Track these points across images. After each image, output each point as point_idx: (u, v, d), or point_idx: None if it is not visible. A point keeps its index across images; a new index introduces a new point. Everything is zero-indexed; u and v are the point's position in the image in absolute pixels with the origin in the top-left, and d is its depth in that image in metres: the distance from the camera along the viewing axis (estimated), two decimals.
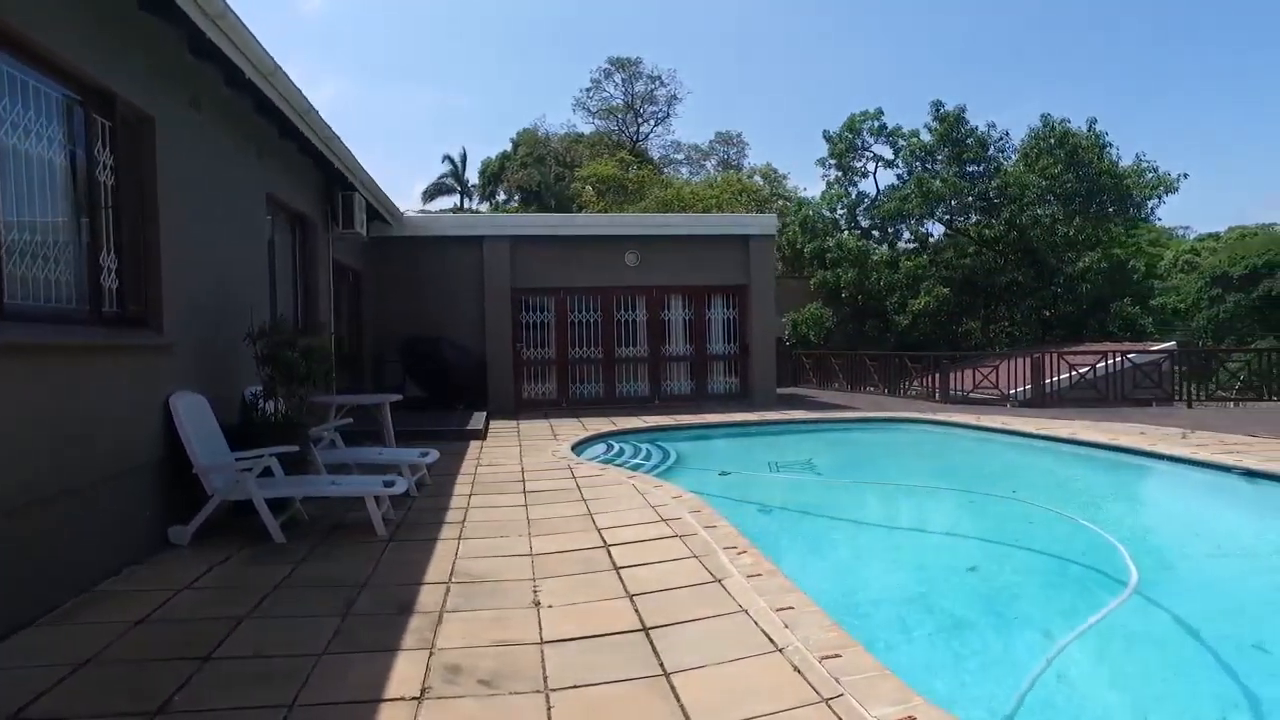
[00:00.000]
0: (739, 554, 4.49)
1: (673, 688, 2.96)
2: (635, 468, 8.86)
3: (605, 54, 63.05)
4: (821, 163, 22.86)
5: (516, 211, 41.30)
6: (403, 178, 77.85)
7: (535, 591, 4.14)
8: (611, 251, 14.20)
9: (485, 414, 12.39)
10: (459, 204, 51.21)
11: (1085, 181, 20.47)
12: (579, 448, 9.64)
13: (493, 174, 50.52)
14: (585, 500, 6.40)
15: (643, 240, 14.36)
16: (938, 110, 21.65)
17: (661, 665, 3.16)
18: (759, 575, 4.08)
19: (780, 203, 32.72)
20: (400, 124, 68.96)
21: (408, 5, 64.68)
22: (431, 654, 3.35)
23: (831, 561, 5.90)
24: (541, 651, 3.36)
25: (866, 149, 22.68)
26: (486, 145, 74.08)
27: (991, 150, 21.77)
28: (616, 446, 10.41)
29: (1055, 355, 14.31)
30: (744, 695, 2.87)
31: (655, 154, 51.19)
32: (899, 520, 7.13)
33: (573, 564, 4.64)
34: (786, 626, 3.36)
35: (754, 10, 63.99)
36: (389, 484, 5.72)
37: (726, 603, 3.81)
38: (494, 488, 7.09)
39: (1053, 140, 21.19)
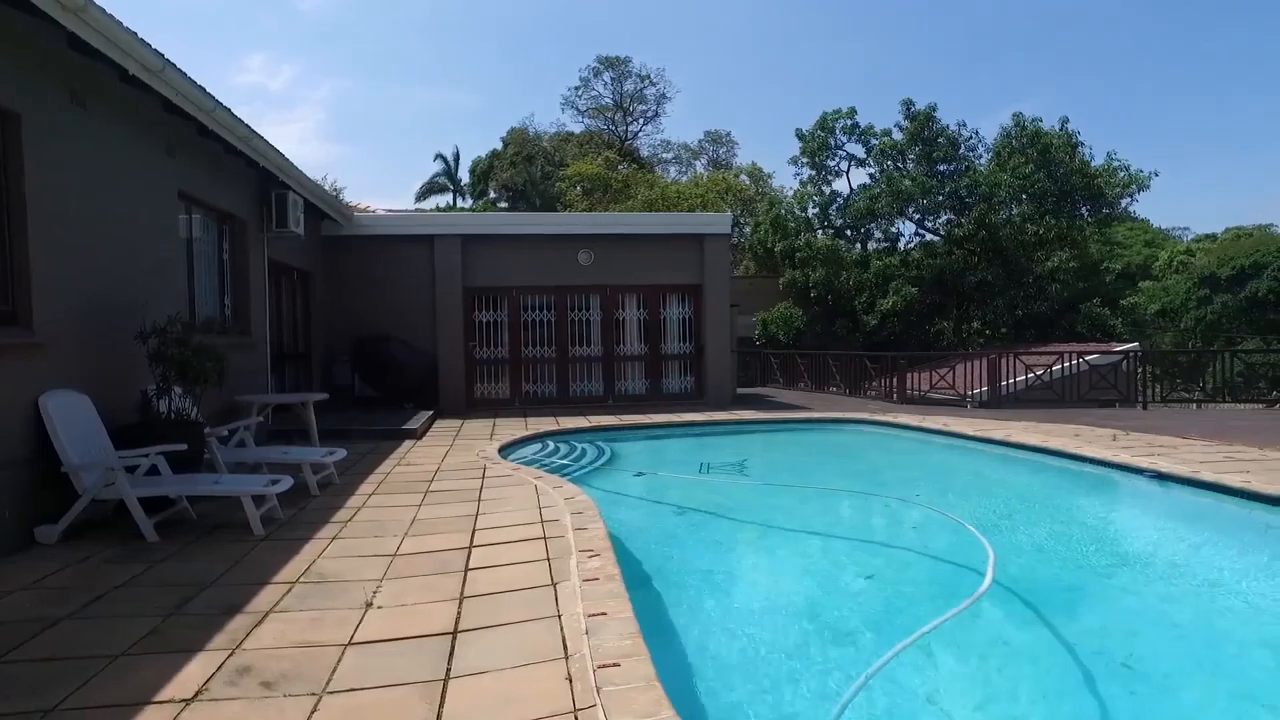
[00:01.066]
0: (590, 557, 4.45)
1: (443, 694, 2.93)
2: (561, 469, 8.84)
3: (597, 52, 63.27)
4: (795, 161, 22.83)
5: (505, 210, 41.36)
6: (402, 176, 77.94)
7: (374, 593, 4.11)
8: (565, 250, 14.17)
9: (431, 413, 12.39)
10: (452, 202, 51.23)
11: (1056, 181, 20.42)
12: (511, 448, 9.61)
13: (482, 173, 50.57)
14: (481, 501, 6.36)
15: (596, 239, 14.32)
16: (909, 109, 21.58)
17: (448, 670, 3.13)
18: (595, 580, 4.04)
19: (764, 202, 32.71)
20: (403, 122, 69.15)
21: (405, 4, 64.78)
22: (231, 655, 3.32)
23: (713, 563, 5.87)
24: (341, 654, 3.33)
25: (840, 148, 22.64)
26: (485, 144, 73.94)
27: (963, 149, 21.73)
28: (552, 445, 10.39)
29: (1012, 356, 14.28)
30: (504, 703, 2.84)
31: (646, 153, 51.20)
32: (800, 523, 7.08)
33: (428, 565, 4.61)
34: (586, 633, 3.32)
35: (743, 7, 63.99)
36: (274, 482, 5.71)
37: (547, 608, 3.78)
38: (400, 487, 7.06)
39: (1025, 139, 21.13)
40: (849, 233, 21.38)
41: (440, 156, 52.09)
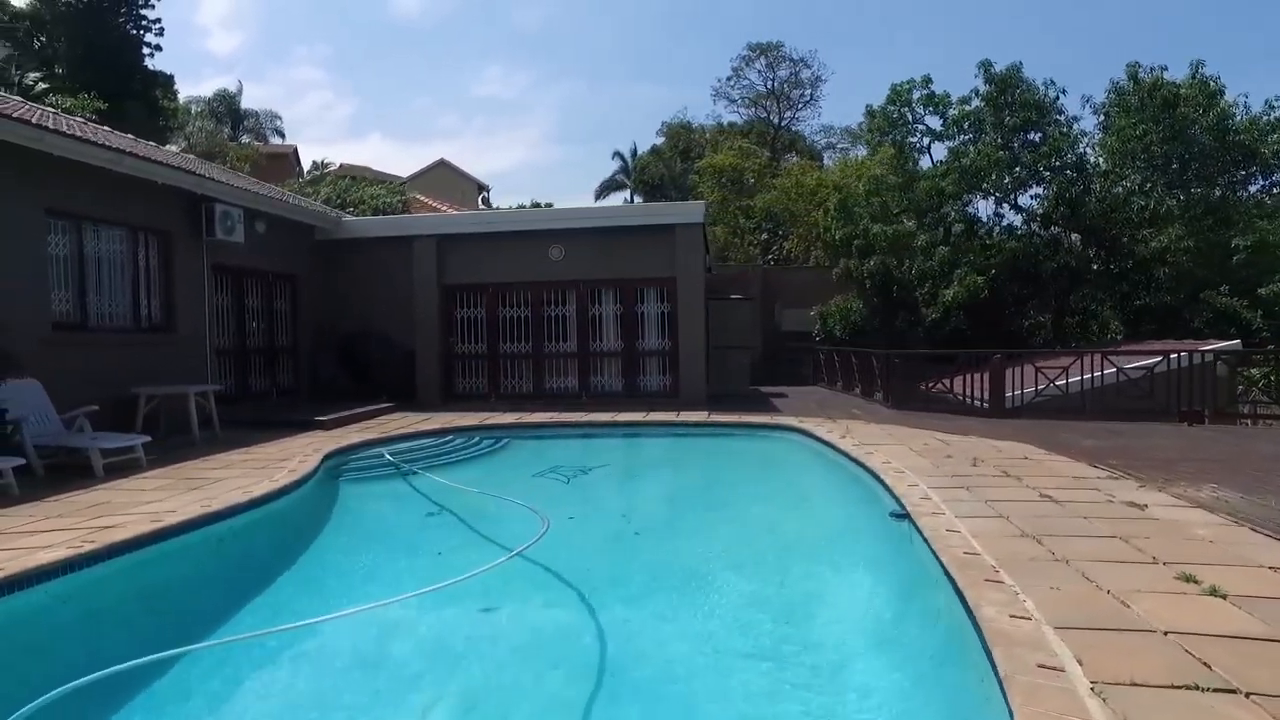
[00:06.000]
0: None
1: None
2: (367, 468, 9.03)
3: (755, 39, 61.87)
4: (866, 141, 20.53)
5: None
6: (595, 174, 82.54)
7: None
8: (538, 246, 14.23)
9: (391, 405, 13.09)
10: (629, 199, 52.93)
11: (1182, 143, 16.60)
12: (374, 445, 9.92)
13: (641, 168, 51.71)
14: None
15: (569, 234, 14.21)
16: (987, 71, 18.63)
17: None
18: None
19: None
20: (613, 121, 73.37)
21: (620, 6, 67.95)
22: None
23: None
24: None
25: (918, 122, 20.12)
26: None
27: (1063, 115, 18.32)
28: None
29: (1095, 356, 11.89)
30: None
31: (812, 139, 49.13)
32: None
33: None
34: None
35: None
36: None
37: None
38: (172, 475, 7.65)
39: (1142, 94, 17.41)
40: (928, 217, 18.94)
41: (617, 154, 53.74)
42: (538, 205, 39.86)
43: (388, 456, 9.19)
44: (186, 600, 5.10)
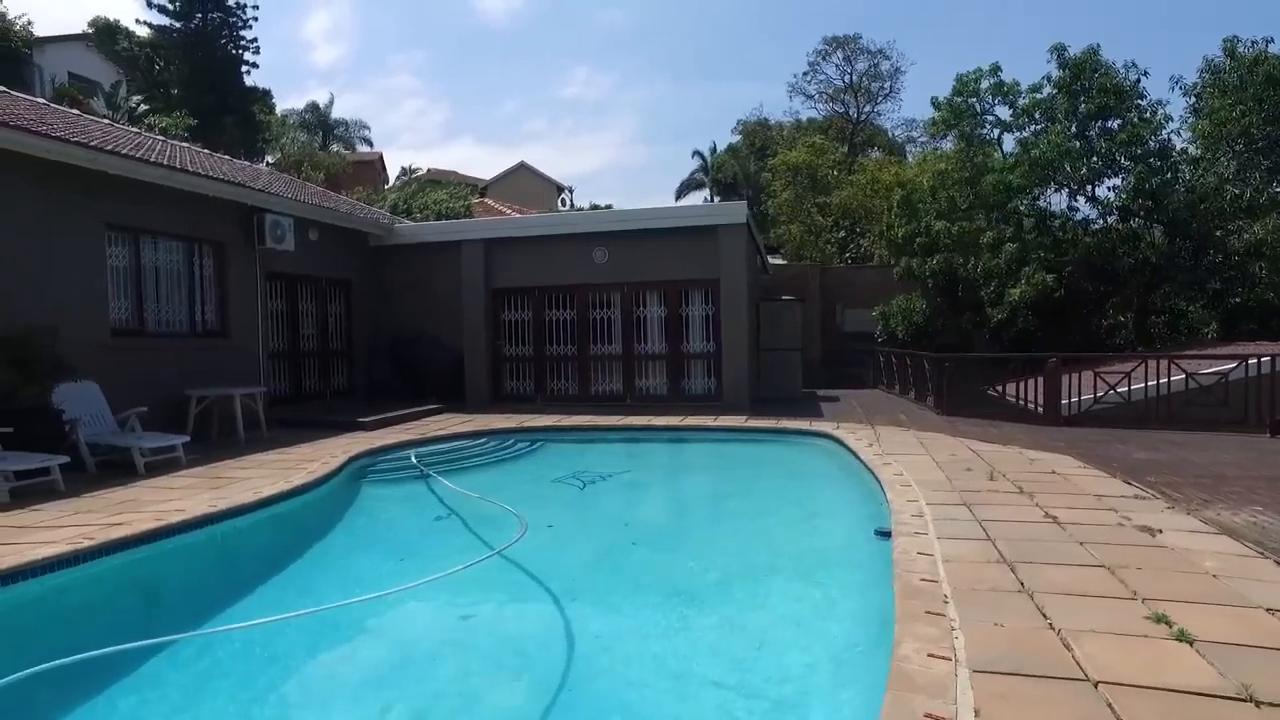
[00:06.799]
0: None
1: None
2: (392, 470, 9.27)
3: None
4: (932, 135, 19.52)
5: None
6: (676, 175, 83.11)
7: None
8: (583, 249, 14.29)
9: (438, 406, 13.46)
10: (708, 198, 52.80)
11: None
12: (406, 447, 10.20)
13: (717, 167, 51.37)
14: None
15: (613, 237, 14.21)
16: (1060, 56, 17.35)
17: None
18: None
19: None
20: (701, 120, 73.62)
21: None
22: None
23: None
24: None
25: (987, 112, 18.98)
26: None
27: (1145, 101, 16.84)
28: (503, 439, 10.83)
29: (1168, 361, 11.09)
30: None
31: (893, 134, 47.50)
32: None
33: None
34: None
35: None
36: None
37: None
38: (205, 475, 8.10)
39: (1241, 71, 15.85)
40: (994, 213, 17.85)
41: (697, 153, 53.61)
42: (601, 207, 40.06)
43: (413, 459, 9.42)
44: (170, 596, 5.37)
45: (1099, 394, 10.96)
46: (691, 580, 5.74)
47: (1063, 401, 10.95)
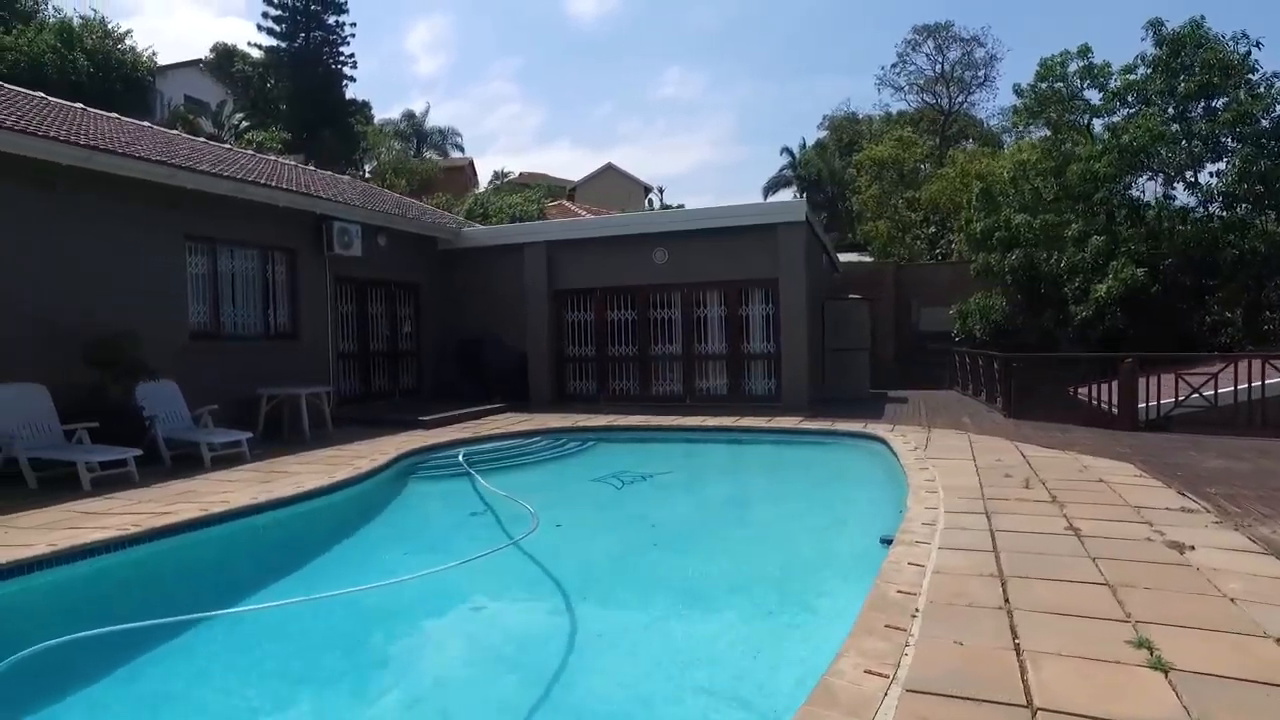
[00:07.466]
0: None
1: None
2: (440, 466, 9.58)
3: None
4: (1016, 124, 18.31)
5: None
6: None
7: None
8: (643, 250, 14.36)
9: (501, 405, 13.83)
10: (796, 194, 52.08)
11: None
12: (458, 445, 10.53)
13: (804, 163, 50.38)
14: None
15: (672, 236, 14.21)
16: (1157, 32, 15.95)
17: None
18: None
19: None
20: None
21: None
22: None
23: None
24: None
25: (1075, 97, 17.69)
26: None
27: (1252, 74, 15.27)
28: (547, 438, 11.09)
29: (1161, 370, 10.35)
30: None
31: (989, 124, 45.32)
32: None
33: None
34: None
35: None
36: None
37: None
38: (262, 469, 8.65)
39: None
40: (1079, 205, 16.62)
41: (785, 150, 52.89)
42: (670, 207, 39.98)
43: (460, 458, 9.72)
44: (201, 580, 5.77)
45: (1180, 397, 10.14)
46: (691, 584, 5.71)
47: (1140, 405, 10.19)
